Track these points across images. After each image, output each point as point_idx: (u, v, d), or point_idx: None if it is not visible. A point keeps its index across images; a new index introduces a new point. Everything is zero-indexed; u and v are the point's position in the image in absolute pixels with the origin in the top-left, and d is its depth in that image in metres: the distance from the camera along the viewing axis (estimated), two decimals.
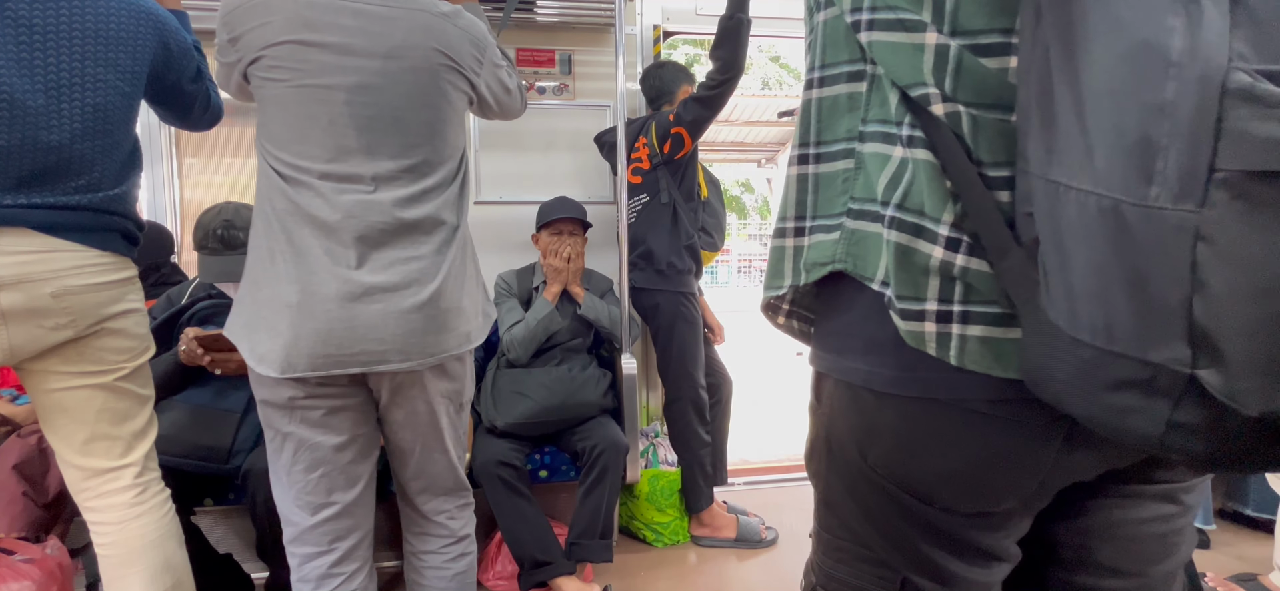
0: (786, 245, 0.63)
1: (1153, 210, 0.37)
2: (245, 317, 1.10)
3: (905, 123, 0.52)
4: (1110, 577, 0.61)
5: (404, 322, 1.09)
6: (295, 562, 1.20)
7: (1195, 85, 0.35)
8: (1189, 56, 0.35)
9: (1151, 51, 0.37)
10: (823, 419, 0.63)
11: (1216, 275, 0.35)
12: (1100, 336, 0.41)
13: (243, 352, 1.09)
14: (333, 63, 1.06)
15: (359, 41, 1.07)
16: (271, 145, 1.08)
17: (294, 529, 1.19)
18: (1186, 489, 0.60)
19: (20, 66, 1.03)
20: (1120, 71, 0.38)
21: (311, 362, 1.06)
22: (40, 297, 1.05)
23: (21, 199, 1.04)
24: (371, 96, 1.08)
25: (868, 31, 0.54)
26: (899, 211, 0.52)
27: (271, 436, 1.16)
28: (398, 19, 1.09)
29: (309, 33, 1.05)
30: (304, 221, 1.06)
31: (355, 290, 1.06)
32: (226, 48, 1.10)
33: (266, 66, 1.06)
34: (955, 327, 0.51)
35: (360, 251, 1.07)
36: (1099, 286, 0.40)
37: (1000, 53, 0.49)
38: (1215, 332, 0.36)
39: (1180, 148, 0.36)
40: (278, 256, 1.06)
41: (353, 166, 1.08)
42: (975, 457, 0.54)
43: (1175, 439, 0.39)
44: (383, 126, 1.09)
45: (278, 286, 1.06)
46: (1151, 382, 0.39)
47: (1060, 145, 0.42)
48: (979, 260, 0.50)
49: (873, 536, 0.60)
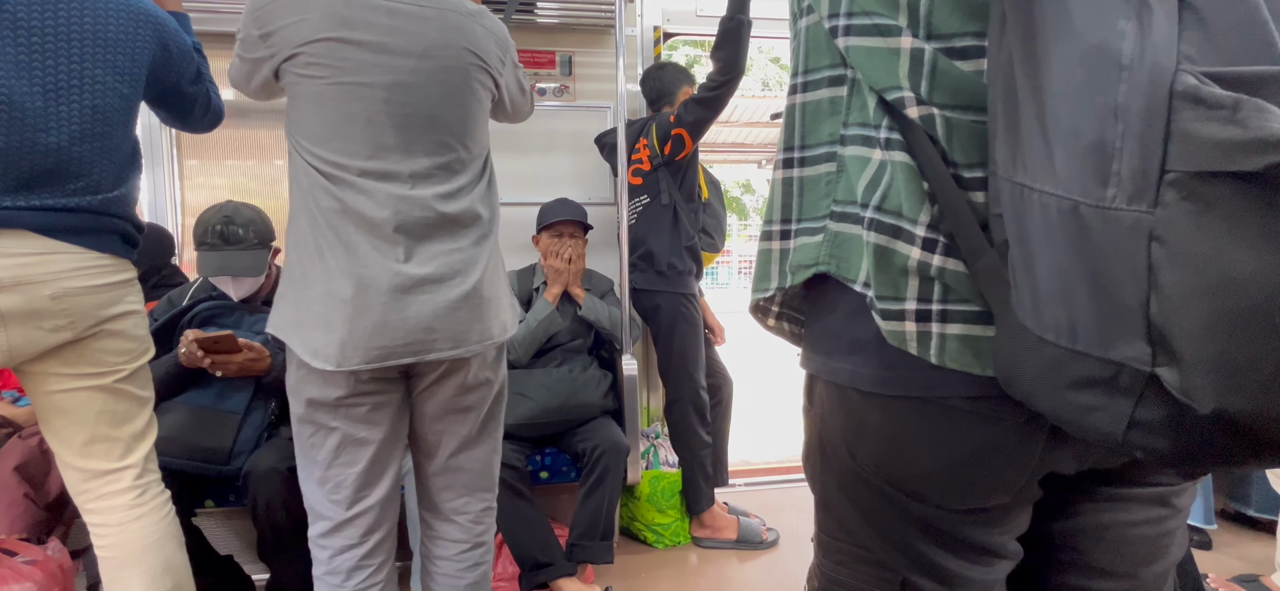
0: (773, 248, 0.63)
1: (1109, 211, 0.38)
2: (291, 315, 1.10)
3: (883, 125, 0.53)
4: (1102, 579, 0.61)
5: (452, 312, 1.12)
6: (325, 556, 1.20)
7: (1145, 87, 0.36)
8: (1139, 59, 0.36)
9: (1104, 55, 0.38)
10: (815, 421, 0.64)
11: (1169, 275, 0.36)
12: (1064, 335, 0.41)
13: (294, 349, 1.09)
14: (370, 61, 1.07)
15: (396, 40, 1.08)
16: (308, 142, 1.09)
17: (326, 523, 1.19)
18: (1177, 492, 0.61)
19: (19, 69, 1.03)
20: (1076, 75, 0.39)
21: (366, 355, 1.07)
22: (39, 299, 1.05)
23: (21, 201, 1.04)
24: (408, 95, 1.10)
25: (845, 37, 0.54)
26: (878, 213, 0.53)
27: (311, 432, 1.15)
28: (431, 18, 1.11)
29: (347, 30, 1.06)
30: (351, 218, 1.08)
31: (405, 282, 1.09)
32: (255, 43, 1.09)
33: (303, 63, 1.06)
34: (935, 326, 0.51)
35: (407, 245, 1.10)
36: (1062, 286, 0.41)
37: (975, 56, 0.50)
38: (1170, 331, 0.37)
39: (1132, 149, 0.36)
40: (327, 253, 1.08)
41: (391, 163, 1.10)
42: (960, 454, 0.54)
43: (1137, 437, 0.40)
44: (419, 124, 1.11)
45: (330, 282, 1.07)
46: (1113, 381, 0.40)
47: (1024, 148, 0.43)
48: (955, 260, 0.50)
49: (871, 537, 0.61)
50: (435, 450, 1.27)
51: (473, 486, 1.31)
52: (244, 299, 1.80)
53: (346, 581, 1.19)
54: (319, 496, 1.18)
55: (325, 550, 1.20)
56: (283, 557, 1.64)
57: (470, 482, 1.30)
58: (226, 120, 1.42)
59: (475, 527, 1.33)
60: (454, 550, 1.33)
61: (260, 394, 1.71)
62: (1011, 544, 0.59)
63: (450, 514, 1.32)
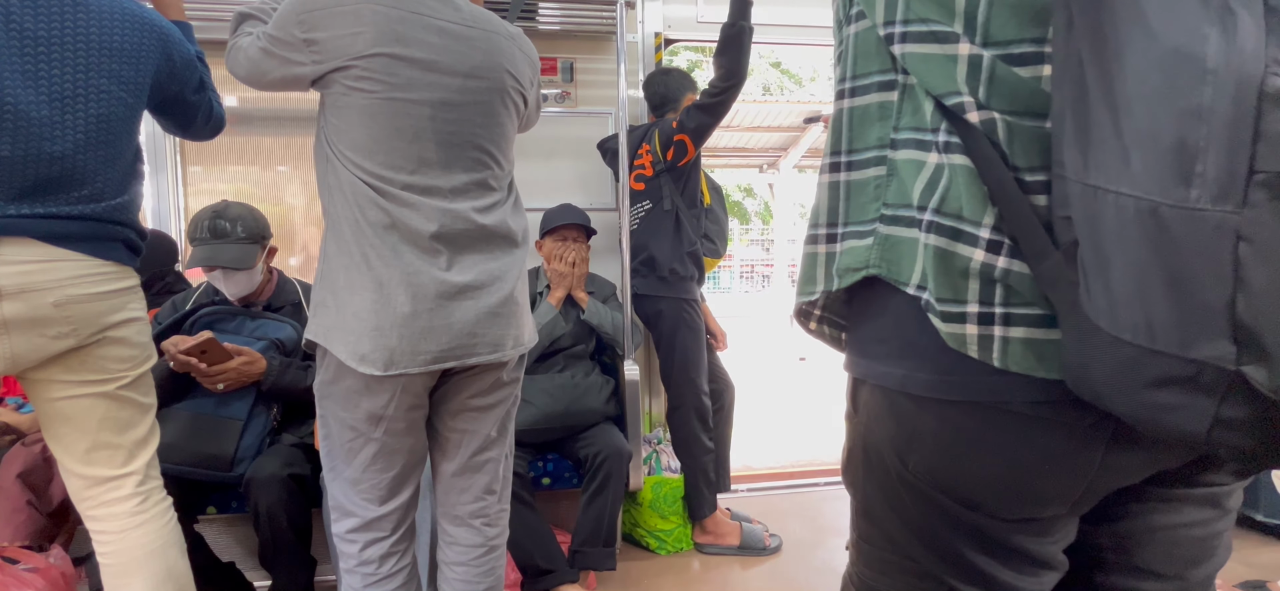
0: (819, 251, 0.63)
1: (1193, 211, 0.38)
2: (334, 321, 1.13)
3: (941, 130, 0.53)
4: (1150, 580, 0.61)
5: (491, 318, 1.18)
6: (355, 549, 1.23)
7: (1232, 90, 0.36)
8: (1224, 63, 0.36)
9: (1186, 58, 0.38)
10: (859, 426, 0.63)
11: (1259, 273, 0.36)
12: (1141, 335, 0.41)
13: (337, 354, 1.11)
14: (420, 78, 1.10)
15: (444, 59, 1.12)
16: (354, 153, 1.11)
17: (356, 520, 1.22)
18: (1228, 493, 0.60)
19: (25, 78, 1.04)
20: (1154, 78, 0.39)
21: (414, 358, 1.12)
22: (42, 307, 1.05)
23: (25, 209, 1.04)
24: (452, 113, 1.14)
25: (902, 44, 0.54)
26: (937, 215, 0.53)
27: (350, 438, 1.18)
28: (477, 40, 1.16)
29: (400, 47, 1.08)
30: (398, 228, 1.11)
31: (449, 290, 1.14)
32: (297, 45, 1.09)
33: (355, 76, 1.08)
34: (997, 329, 0.51)
35: (449, 255, 1.15)
36: (1139, 286, 0.41)
37: (1033, 62, 0.50)
38: (1260, 329, 0.37)
39: (1218, 150, 0.37)
40: (374, 260, 1.11)
41: (432, 179, 1.14)
42: (1019, 461, 0.53)
43: (1222, 435, 0.40)
44: (459, 142, 1.16)
45: (379, 290, 1.10)
46: (1195, 380, 0.40)
47: (1096, 150, 0.43)
48: (1020, 262, 0.50)
49: (915, 546, 0.60)
50: (456, 450, 1.30)
51: (490, 487, 1.34)
52: (245, 302, 1.80)
53: (380, 568, 1.24)
54: (349, 495, 1.22)
55: (354, 543, 1.23)
56: (284, 564, 1.64)
57: (488, 484, 1.33)
58: (229, 127, 1.43)
59: (490, 530, 1.35)
60: (470, 554, 1.34)
61: (262, 400, 1.71)
62: (1060, 555, 0.59)
63: (467, 517, 1.33)
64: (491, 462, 1.32)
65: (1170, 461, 0.55)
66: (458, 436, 1.28)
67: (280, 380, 1.69)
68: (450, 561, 1.35)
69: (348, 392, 1.14)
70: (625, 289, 2.14)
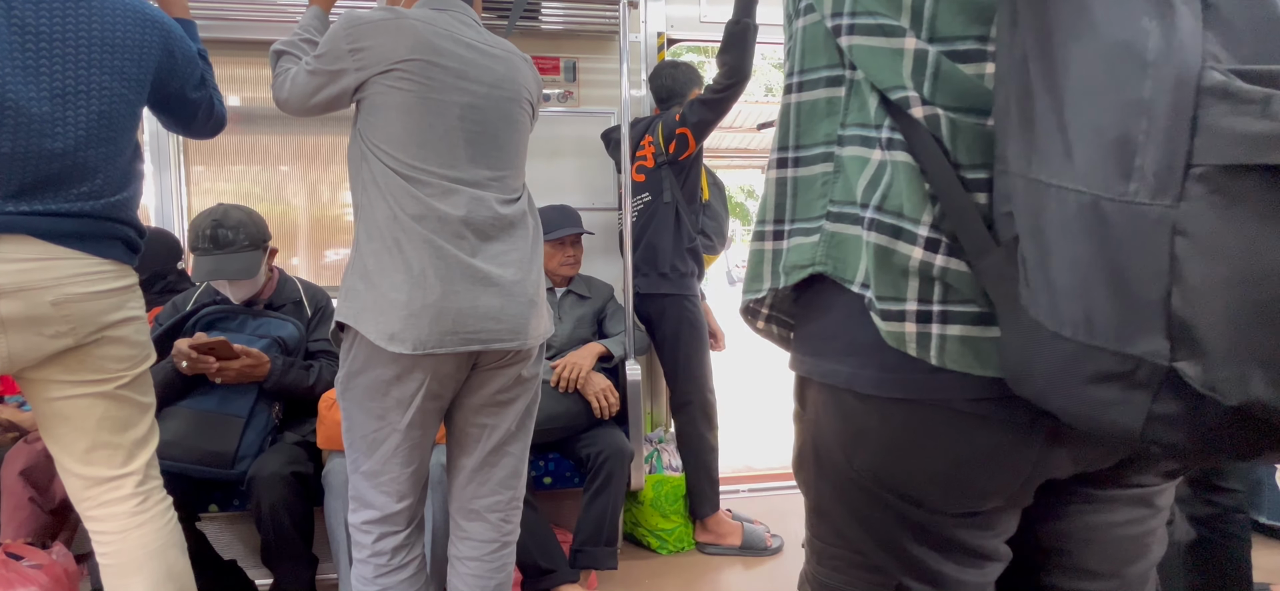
0: (765, 249, 0.63)
1: (1132, 205, 0.38)
2: (364, 303, 1.18)
3: (884, 126, 0.53)
4: (1089, 580, 0.63)
5: (515, 305, 1.25)
6: (369, 540, 1.28)
7: (1171, 83, 0.36)
8: (1164, 56, 0.37)
9: (1128, 52, 0.38)
10: (808, 425, 0.63)
11: (1194, 267, 0.36)
12: (1081, 330, 0.41)
13: (367, 335, 1.16)
14: (452, 83, 1.23)
15: (472, 70, 1.25)
16: (389, 146, 1.20)
17: (374, 512, 1.27)
18: (1158, 492, 0.62)
19: (25, 73, 1.03)
20: (1097, 72, 0.40)
21: (441, 340, 1.17)
22: (40, 306, 1.05)
23: (24, 206, 1.04)
24: (478, 115, 1.26)
25: (848, 35, 0.54)
26: (878, 213, 0.53)
27: (375, 428, 1.22)
28: (499, 57, 1.31)
29: (435, 56, 1.21)
30: (428, 215, 1.19)
31: (476, 275, 1.21)
32: (342, 56, 1.20)
33: (395, 77, 1.19)
34: (935, 328, 0.51)
35: (475, 242, 1.23)
36: (1079, 281, 0.41)
37: (977, 59, 0.51)
38: (1194, 324, 0.37)
39: (1158, 144, 0.37)
40: (406, 246, 1.18)
41: (461, 172, 1.24)
42: (959, 457, 0.54)
43: (1155, 431, 0.40)
44: (484, 142, 1.27)
45: (410, 273, 1.17)
46: (1132, 376, 0.40)
47: (1040, 144, 0.43)
48: (957, 260, 0.50)
49: (865, 541, 0.60)
50: (475, 445, 1.33)
51: (507, 483, 1.36)
52: (247, 302, 1.80)
53: (392, 559, 1.29)
54: (368, 488, 1.26)
55: (369, 534, 1.28)
56: (286, 562, 1.64)
57: (505, 479, 1.36)
58: (232, 126, 1.43)
59: (505, 526, 1.38)
60: (483, 550, 1.37)
61: (263, 398, 1.71)
62: (1003, 547, 0.60)
63: (483, 511, 1.36)
64: (510, 458, 1.36)
65: (1101, 461, 0.56)
66: (478, 430, 1.32)
67: (283, 379, 1.69)
68: (463, 556, 1.37)
69: (376, 381, 1.19)
70: (627, 290, 2.14)
